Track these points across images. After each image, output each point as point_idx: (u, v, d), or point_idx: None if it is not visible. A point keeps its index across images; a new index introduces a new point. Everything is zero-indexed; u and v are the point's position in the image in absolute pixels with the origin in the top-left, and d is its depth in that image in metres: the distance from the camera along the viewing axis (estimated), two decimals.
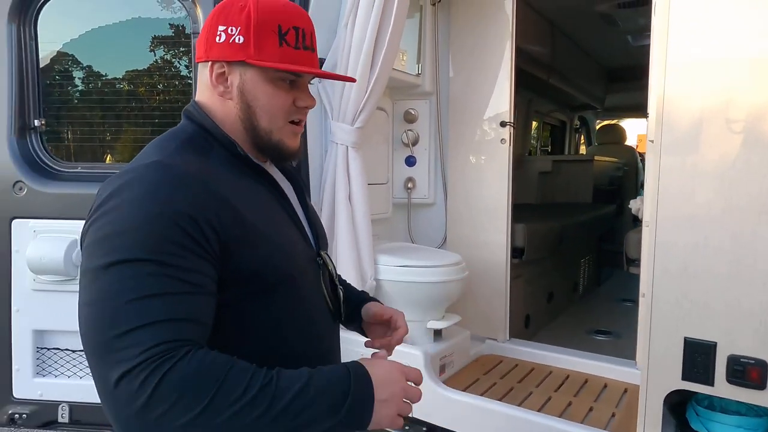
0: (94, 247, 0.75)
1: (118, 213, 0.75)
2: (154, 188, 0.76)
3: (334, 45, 2.22)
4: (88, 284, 0.74)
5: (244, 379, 0.69)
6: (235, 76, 0.89)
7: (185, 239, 0.74)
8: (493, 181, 2.61)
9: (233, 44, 0.87)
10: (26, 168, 2.09)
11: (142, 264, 0.71)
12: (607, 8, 3.69)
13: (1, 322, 2.10)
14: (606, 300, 4.03)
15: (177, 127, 0.93)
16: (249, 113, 0.91)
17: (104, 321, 0.70)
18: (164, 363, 0.67)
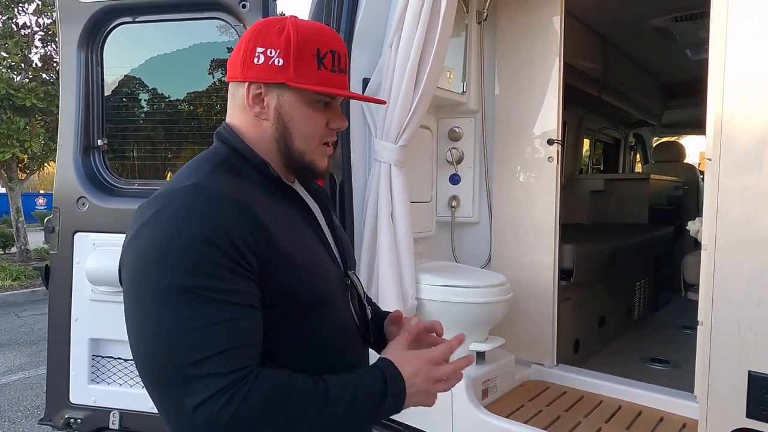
0: (141, 274, 0.76)
1: (159, 238, 0.75)
2: (193, 210, 0.76)
3: (379, 65, 2.25)
4: (143, 314, 0.75)
5: (308, 392, 0.76)
6: (272, 98, 0.90)
7: (228, 261, 0.75)
8: (541, 200, 2.54)
9: (272, 66, 0.88)
10: (88, 184, 2.22)
11: (196, 291, 0.73)
12: (662, 22, 3.56)
13: (62, 331, 2.22)
14: (664, 327, 3.80)
15: (210, 150, 0.94)
16: (285, 134, 0.91)
17: (172, 351, 0.72)
18: (239, 391, 0.71)
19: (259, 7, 2.01)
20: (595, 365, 2.79)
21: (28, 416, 3.53)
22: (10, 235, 9.66)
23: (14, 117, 7.65)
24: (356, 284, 1.01)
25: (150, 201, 0.81)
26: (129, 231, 0.81)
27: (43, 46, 8.65)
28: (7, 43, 7.81)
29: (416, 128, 2.26)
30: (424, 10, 2.12)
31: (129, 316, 0.77)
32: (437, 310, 2.18)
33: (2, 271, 7.69)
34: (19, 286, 7.30)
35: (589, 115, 4.60)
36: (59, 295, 2.21)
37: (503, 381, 2.31)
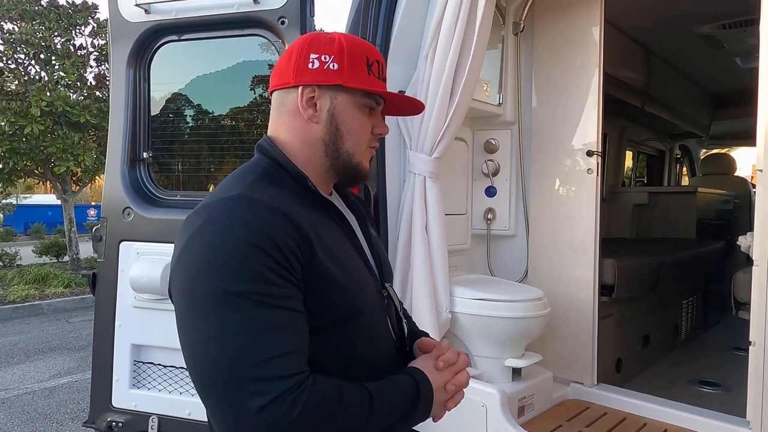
0: (194, 282, 0.77)
1: (209, 246, 0.77)
2: (242, 219, 0.78)
3: (414, 77, 2.26)
4: (198, 321, 0.76)
5: (355, 397, 0.80)
6: (325, 101, 0.93)
7: (275, 264, 0.77)
8: (580, 213, 2.47)
9: (328, 70, 0.92)
10: (134, 195, 2.31)
11: (249, 296, 0.75)
12: (709, 29, 3.44)
13: (107, 336, 2.31)
14: (714, 347, 3.61)
15: (251, 162, 0.96)
16: (336, 136, 0.94)
17: (234, 354, 0.74)
18: (302, 393, 0.74)
19: (297, 23, 2.06)
20: (638, 386, 2.68)
21: (75, 419, 3.67)
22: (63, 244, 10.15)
23: (69, 132, 8.08)
24: (393, 297, 1.02)
25: (196, 212, 0.84)
26: (178, 242, 0.83)
27: (97, 66, 9.13)
28: (65, 63, 8.28)
29: (451, 140, 2.25)
30: (459, 22, 2.13)
31: (183, 324, 0.79)
32: (471, 324, 2.15)
33: (55, 278, 8.07)
34: (70, 293, 7.64)
35: (631, 127, 4.47)
36: (105, 302, 2.30)
37: (540, 399, 2.24)
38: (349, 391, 0.80)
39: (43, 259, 10.31)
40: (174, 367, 2.24)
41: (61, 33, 8.48)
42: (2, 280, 8.15)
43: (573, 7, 2.52)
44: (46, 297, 7.39)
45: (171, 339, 2.33)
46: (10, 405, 3.92)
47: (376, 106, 0.97)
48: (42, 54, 8.38)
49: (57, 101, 7.73)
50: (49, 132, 7.92)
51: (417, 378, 0.90)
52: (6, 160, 8.03)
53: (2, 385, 4.32)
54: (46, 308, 7.09)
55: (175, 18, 2.20)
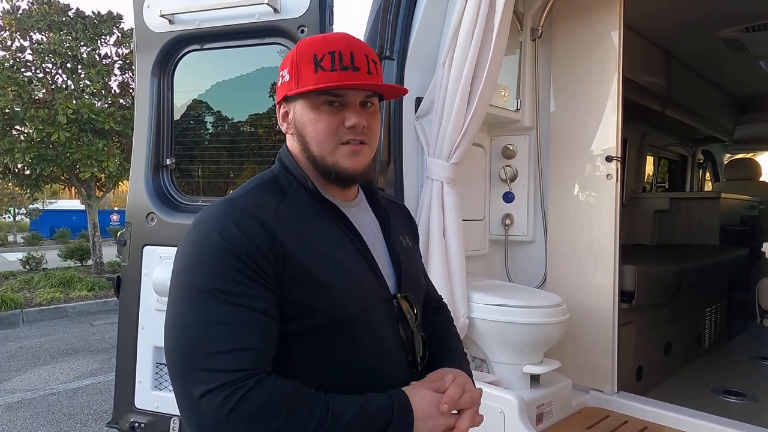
0: (176, 273, 0.86)
1: (193, 243, 0.86)
2: (219, 221, 0.86)
3: (432, 84, 2.27)
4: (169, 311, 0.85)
5: (305, 408, 0.79)
6: (291, 112, 0.98)
7: (245, 267, 0.82)
8: (599, 218, 2.45)
9: (284, 84, 0.96)
10: (157, 201, 2.36)
11: (214, 293, 0.81)
12: (732, 33, 3.39)
13: (130, 338, 2.36)
14: (738, 357, 3.53)
15: (268, 169, 1.02)
16: (303, 143, 0.96)
17: (189, 344, 0.81)
18: (240, 389, 0.77)
19: (317, 31, 2.10)
20: (660, 394, 2.63)
21: (98, 419, 3.74)
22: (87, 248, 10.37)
23: (94, 139, 8.28)
24: (404, 306, 0.96)
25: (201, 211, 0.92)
26: None
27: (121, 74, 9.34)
28: (90, 72, 8.50)
29: (469, 146, 2.26)
30: (477, 28, 2.14)
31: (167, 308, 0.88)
32: (489, 330, 2.14)
33: (79, 282, 8.26)
34: (94, 297, 7.80)
35: (652, 132, 4.42)
36: (129, 305, 2.35)
37: (559, 406, 2.22)
38: (303, 400, 0.79)
39: (67, 262, 10.53)
40: None
41: (87, 43, 8.71)
42: (29, 283, 8.36)
43: (591, 11, 2.51)
44: (71, 300, 7.56)
45: None
46: (36, 405, 4.01)
47: (339, 98, 0.91)
48: (69, 63, 8.61)
49: (83, 109, 7.92)
50: (74, 139, 8.12)
51: (395, 402, 0.84)
52: (33, 167, 8.25)
53: (29, 386, 4.43)
54: (71, 311, 7.24)
55: (198, 28, 2.25)
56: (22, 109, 7.82)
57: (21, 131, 8.36)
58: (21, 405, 4.02)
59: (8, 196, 16.14)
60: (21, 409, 3.93)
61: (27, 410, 3.92)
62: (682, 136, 5.01)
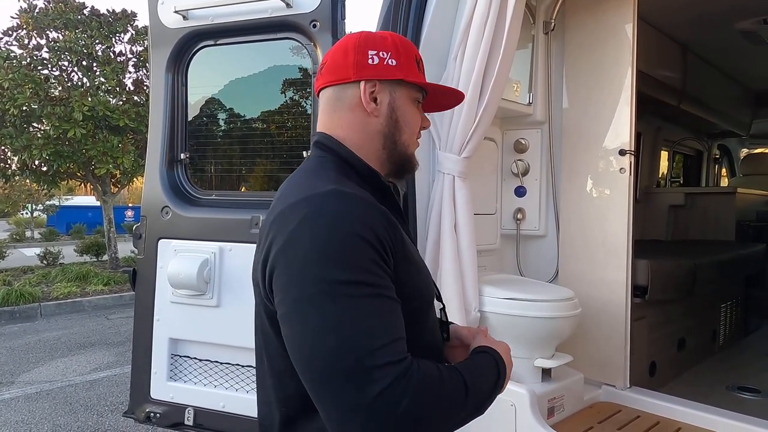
0: (304, 272, 0.78)
1: (318, 238, 0.78)
2: (344, 211, 0.81)
3: (444, 77, 2.27)
4: (311, 309, 0.76)
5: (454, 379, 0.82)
6: (384, 95, 0.96)
7: (378, 257, 0.79)
8: (612, 213, 2.43)
9: (388, 66, 0.96)
10: (172, 195, 2.39)
11: (363, 286, 0.77)
12: (749, 25, 3.33)
13: (146, 330, 2.39)
14: (754, 353, 3.49)
15: (315, 159, 0.97)
16: (394, 129, 0.97)
17: (346, 344, 0.74)
18: (411, 378, 0.74)
19: (329, 26, 2.11)
20: (673, 390, 2.61)
21: (114, 410, 3.81)
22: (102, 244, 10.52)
23: (109, 136, 8.39)
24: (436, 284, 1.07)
25: (292, 207, 0.84)
26: (279, 236, 0.82)
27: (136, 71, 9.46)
28: (105, 69, 8.61)
29: (480, 140, 2.25)
30: (489, 21, 2.13)
31: (292, 315, 0.79)
32: (501, 324, 2.14)
33: (95, 276, 8.39)
34: (109, 291, 7.92)
35: (667, 126, 4.36)
36: (144, 297, 2.38)
37: (571, 400, 2.22)
38: (447, 373, 0.81)
39: (83, 258, 10.70)
40: (209, 361, 2.31)
41: (101, 40, 8.82)
42: (46, 278, 8.52)
43: (605, 4, 2.49)
44: (87, 294, 7.68)
45: (206, 333, 2.39)
46: (54, 396, 4.10)
47: (422, 100, 1.02)
48: (84, 61, 8.73)
49: (98, 106, 8.03)
50: (90, 136, 8.23)
51: (494, 355, 0.94)
52: (50, 163, 8.38)
53: (47, 377, 4.53)
54: (87, 305, 7.37)
55: (212, 23, 2.27)
56: (39, 106, 7.95)
57: (38, 128, 8.50)
58: (40, 396, 4.11)
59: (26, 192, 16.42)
60: (40, 400, 4.02)
61: (45, 401, 4.00)
62: (698, 131, 4.94)
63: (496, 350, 0.96)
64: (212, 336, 2.25)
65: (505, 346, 1.00)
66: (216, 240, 2.24)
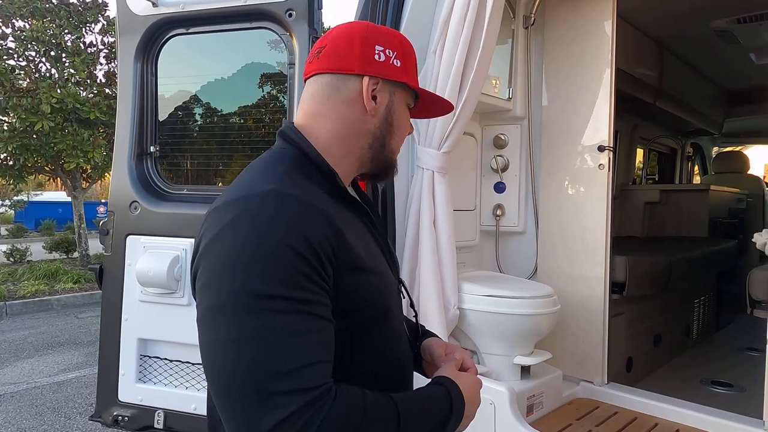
0: (222, 279, 0.71)
1: (243, 243, 0.72)
2: (278, 216, 0.73)
3: (423, 71, 2.23)
4: (221, 320, 0.70)
5: (382, 413, 0.73)
6: (384, 95, 0.91)
7: (311, 270, 0.72)
8: (591, 209, 2.43)
9: (393, 66, 0.91)
10: (141, 189, 2.30)
11: (280, 301, 0.69)
12: (724, 24, 3.38)
13: (113, 330, 2.30)
14: (726, 348, 3.55)
15: (276, 151, 0.90)
16: (387, 131, 0.93)
17: (255, 361, 0.67)
18: (320, 409, 0.67)
19: (305, 15, 2.04)
20: (649, 385, 2.64)
21: (83, 413, 3.69)
22: (73, 240, 10.21)
23: (79, 129, 8.13)
24: (405, 291, 1.01)
25: (226, 204, 0.78)
26: (206, 234, 0.77)
27: (107, 63, 9.17)
28: (75, 60, 8.33)
29: (460, 135, 2.23)
30: (468, 15, 2.09)
31: (204, 322, 0.73)
32: (480, 321, 2.12)
33: (64, 274, 8.13)
34: (79, 289, 7.69)
35: (642, 124, 4.41)
36: (111, 296, 2.29)
37: (550, 397, 2.21)
38: (373, 403, 0.73)
39: (53, 255, 10.38)
40: (180, 362, 2.23)
41: (71, 30, 8.53)
42: (13, 276, 8.23)
43: (584, 0, 2.48)
44: (56, 292, 7.44)
45: (177, 333, 2.31)
46: (19, 399, 3.94)
47: (413, 106, 0.98)
48: (52, 51, 8.44)
49: (67, 98, 7.77)
50: (59, 129, 7.97)
51: (449, 390, 0.84)
52: (17, 157, 8.09)
53: (12, 379, 4.35)
54: (56, 304, 7.14)
55: (183, 11, 2.19)
56: (4, 98, 7.65)
57: (3, 120, 8.19)
58: (3, 399, 3.95)
59: None
60: (3, 403, 3.86)
61: (9, 404, 3.84)
62: (672, 129, 5.02)
63: (456, 385, 0.86)
64: (183, 336, 2.17)
65: (472, 382, 0.90)
66: (187, 236, 2.16)
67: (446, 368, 0.92)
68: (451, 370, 0.91)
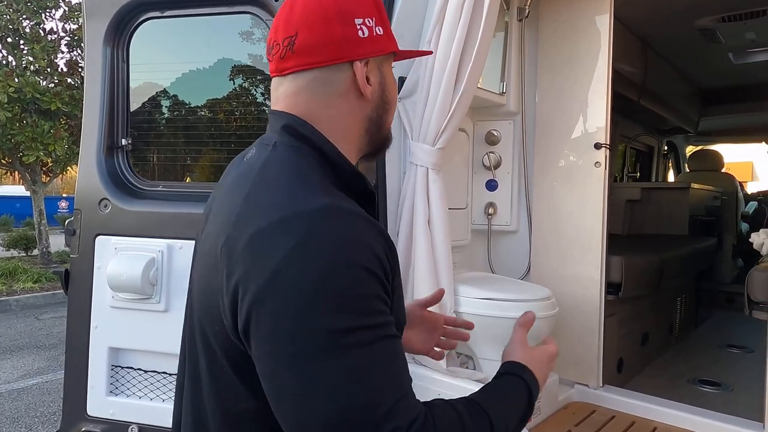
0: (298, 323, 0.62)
1: (315, 275, 0.63)
2: (344, 238, 0.65)
3: (416, 63, 2.12)
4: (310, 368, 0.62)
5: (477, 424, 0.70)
6: (375, 74, 0.81)
7: (383, 291, 0.67)
8: (586, 208, 2.37)
9: (378, 36, 0.79)
10: (112, 186, 2.12)
11: (365, 332, 0.63)
12: (709, 22, 3.38)
13: (81, 339, 2.12)
14: (707, 345, 3.58)
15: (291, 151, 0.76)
16: (383, 111, 0.83)
17: (357, 403, 0.61)
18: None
19: None
20: (639, 385, 2.61)
21: (45, 422, 3.46)
22: (32, 237, 9.74)
23: (39, 120, 7.71)
24: None
25: (272, 229, 0.66)
26: (253, 269, 0.65)
27: (69, 51, 8.73)
28: (34, 47, 7.89)
29: (455, 130, 2.13)
30: (466, 4, 1.99)
31: (282, 374, 0.63)
32: (478, 325, 2.00)
33: (24, 273, 7.73)
34: (40, 289, 7.31)
35: (624, 122, 4.41)
36: (79, 301, 2.11)
37: (547, 402, 2.15)
38: (468, 417, 0.69)
39: (11, 252, 9.90)
40: (156, 372, 2.07)
41: (29, 16, 8.09)
42: None
43: None
44: (15, 293, 7.06)
45: (152, 341, 2.13)
46: None
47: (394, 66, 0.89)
48: (9, 38, 7.98)
49: (26, 87, 7.36)
50: (17, 120, 7.56)
51: (527, 381, 0.84)
52: None
53: None
54: (14, 304, 6.77)
55: None
56: None
57: None
58: None
59: None
60: None
61: None
62: (651, 127, 5.06)
63: (530, 371, 0.85)
64: (159, 344, 2.01)
65: (543, 357, 0.91)
66: (164, 237, 2.00)
67: (516, 350, 0.90)
68: (522, 352, 0.89)
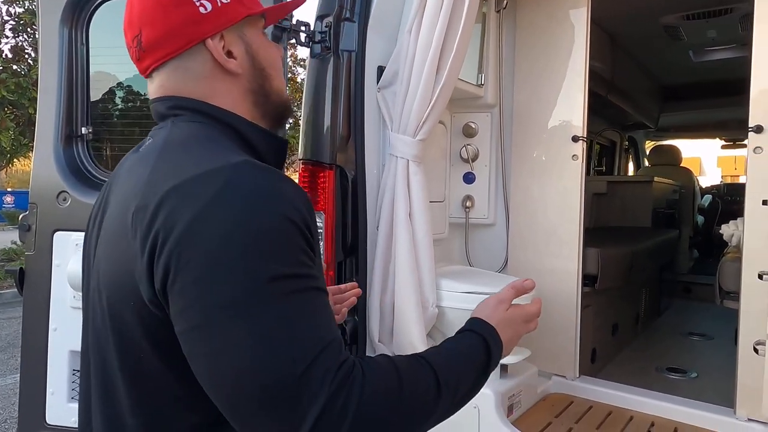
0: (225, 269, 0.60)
1: (239, 222, 0.61)
2: (268, 189, 0.64)
3: (396, 52, 2.07)
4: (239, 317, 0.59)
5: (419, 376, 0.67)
6: (237, 44, 0.78)
7: (306, 245, 0.65)
8: (563, 201, 2.39)
9: (223, 6, 0.76)
10: (71, 178, 1.98)
11: (294, 280, 0.61)
12: (673, 20, 3.47)
13: (39, 342, 1.98)
14: (670, 333, 3.71)
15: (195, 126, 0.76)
16: (262, 80, 0.80)
17: (275, 360, 0.58)
18: (353, 388, 0.60)
19: None
20: (611, 375, 2.66)
21: None
22: None
23: None
24: None
25: (192, 181, 0.64)
26: (176, 217, 0.62)
27: (14, 37, 8.22)
28: None
29: (436, 121, 2.09)
30: None
31: (208, 330, 0.60)
32: (460, 319, 1.98)
33: None
34: None
35: (592, 117, 4.49)
36: (35, 302, 1.97)
37: (527, 395, 2.15)
38: (406, 367, 0.67)
39: None
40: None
41: None
42: None
43: None
44: None
45: None
46: None
47: (265, 26, 0.85)
48: None
49: None
50: None
51: (485, 335, 0.80)
52: None
53: None
54: None
55: None
56: None
57: None
58: None
59: None
60: None
61: None
62: (616, 122, 5.18)
63: (491, 327, 0.82)
64: None
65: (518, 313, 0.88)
66: None
67: (487, 303, 0.88)
68: (491, 306, 0.86)
